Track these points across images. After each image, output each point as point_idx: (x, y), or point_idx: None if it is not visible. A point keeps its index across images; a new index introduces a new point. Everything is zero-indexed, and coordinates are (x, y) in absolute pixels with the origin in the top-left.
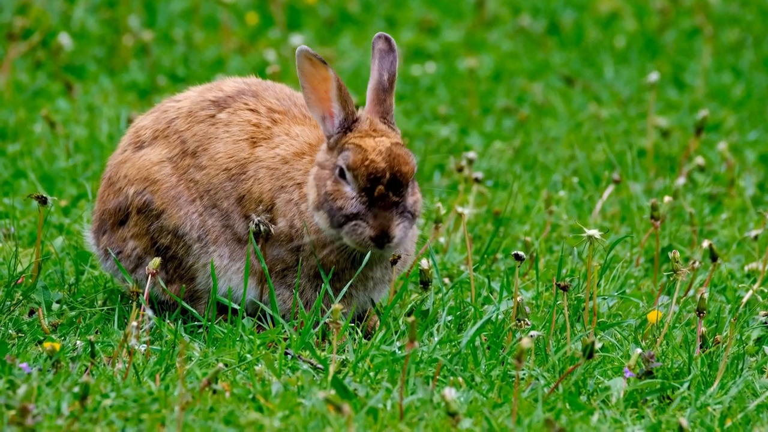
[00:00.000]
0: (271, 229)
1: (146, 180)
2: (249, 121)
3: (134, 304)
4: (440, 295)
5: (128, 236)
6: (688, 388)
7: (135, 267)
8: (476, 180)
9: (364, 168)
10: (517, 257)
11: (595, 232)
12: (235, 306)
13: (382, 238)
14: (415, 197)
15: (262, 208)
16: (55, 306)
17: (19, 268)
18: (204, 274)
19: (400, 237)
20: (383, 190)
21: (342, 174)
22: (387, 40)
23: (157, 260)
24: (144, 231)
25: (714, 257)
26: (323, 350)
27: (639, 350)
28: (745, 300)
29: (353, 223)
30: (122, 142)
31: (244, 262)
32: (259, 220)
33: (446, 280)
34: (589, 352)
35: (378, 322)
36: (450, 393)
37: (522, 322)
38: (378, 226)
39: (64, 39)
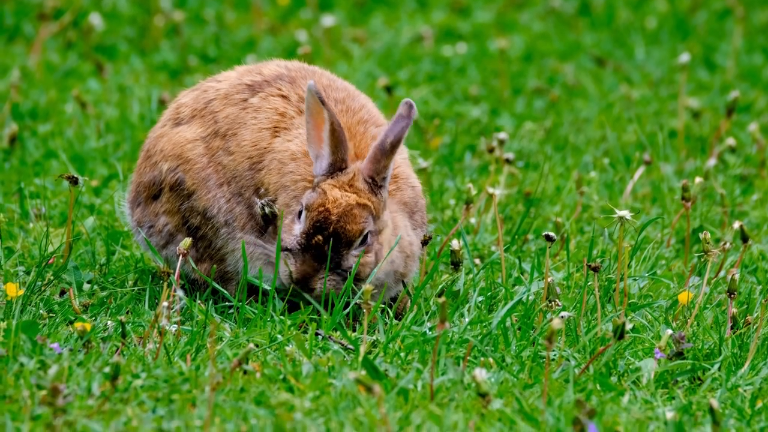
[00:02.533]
0: (276, 211)
1: (179, 158)
2: (276, 109)
3: (165, 284)
4: (471, 275)
5: (161, 212)
6: (719, 369)
7: (166, 243)
8: (507, 161)
9: (316, 213)
10: (548, 238)
11: (626, 213)
12: (266, 287)
13: (301, 284)
14: (365, 259)
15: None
16: (86, 286)
17: (50, 249)
18: (233, 257)
19: (319, 290)
20: (320, 241)
21: (300, 212)
22: (409, 106)
23: (188, 240)
24: (176, 209)
25: (745, 238)
26: (354, 331)
27: (670, 331)
28: None
29: (285, 255)
30: (164, 116)
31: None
32: (263, 203)
33: (477, 261)
34: (619, 333)
35: (409, 303)
36: (480, 374)
37: (553, 302)
38: (301, 272)
39: (95, 19)
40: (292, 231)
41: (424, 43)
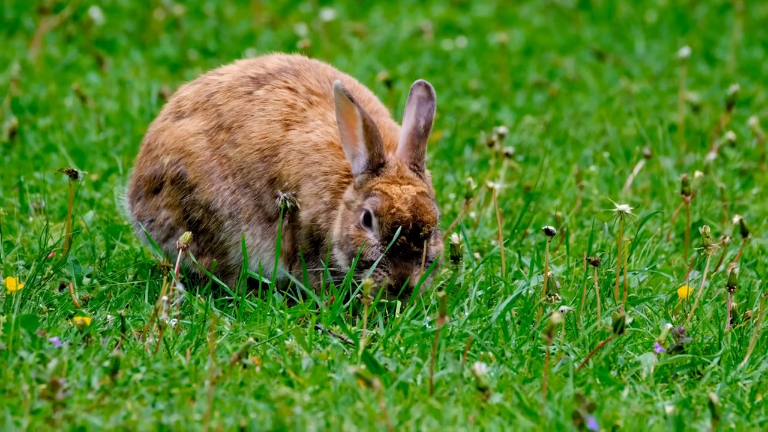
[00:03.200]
0: (297, 205)
1: (181, 151)
2: (285, 101)
3: (165, 278)
4: (471, 269)
5: (161, 205)
6: (719, 363)
7: (167, 237)
8: (507, 155)
9: (390, 216)
10: (548, 232)
11: (626, 207)
12: (266, 281)
13: (400, 287)
14: (437, 247)
15: (290, 189)
16: (85, 280)
17: (50, 243)
18: (236, 250)
19: (418, 287)
20: (405, 240)
21: (367, 219)
22: (426, 87)
23: (188, 235)
24: (177, 202)
25: (745, 232)
26: (353, 325)
27: (669, 325)
28: None
29: (374, 270)
30: (164, 110)
31: (274, 240)
32: (285, 197)
33: (477, 255)
34: (619, 327)
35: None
36: (480, 368)
37: (552, 297)
38: (397, 276)
39: (95, 13)
40: (369, 242)
41: (424, 37)
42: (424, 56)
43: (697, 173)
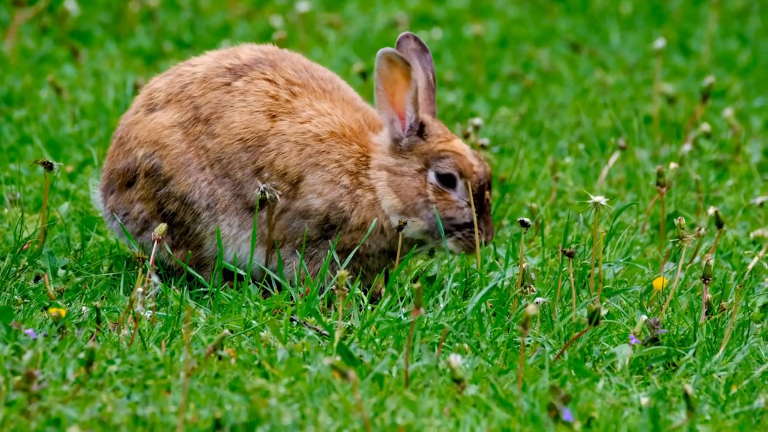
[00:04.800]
0: (277, 197)
1: (156, 144)
2: (266, 93)
3: (140, 270)
4: (446, 261)
5: (135, 199)
6: (694, 354)
7: (141, 230)
8: (482, 146)
9: (475, 176)
10: (523, 224)
11: (601, 199)
12: (241, 272)
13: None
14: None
15: (287, 180)
16: (60, 272)
17: (25, 234)
18: (212, 241)
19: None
20: (488, 196)
21: (448, 181)
22: (416, 39)
23: (163, 226)
24: (151, 195)
25: (720, 224)
26: (329, 317)
27: (644, 317)
28: (750, 267)
29: (467, 230)
30: (135, 103)
31: (251, 231)
32: (265, 187)
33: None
34: (594, 318)
35: (383, 288)
36: (455, 359)
37: (528, 288)
38: (490, 231)
39: (71, 4)
40: (457, 205)
41: (399, 29)
42: None
43: (672, 165)
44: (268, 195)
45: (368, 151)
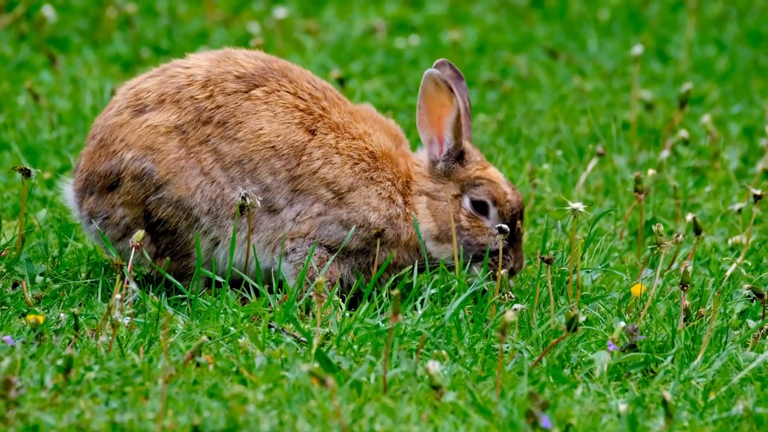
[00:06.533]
0: (258, 203)
1: (149, 148)
2: (296, 106)
3: (118, 276)
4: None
5: (118, 203)
6: (672, 361)
7: (122, 236)
8: None
9: (508, 204)
10: (501, 230)
11: (579, 206)
12: (220, 279)
13: (519, 271)
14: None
15: (332, 189)
16: (38, 279)
17: (3, 241)
18: (204, 249)
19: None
20: (520, 225)
21: (481, 208)
22: (452, 67)
23: (140, 233)
24: (138, 200)
25: (698, 230)
26: (307, 323)
27: (623, 323)
28: (728, 273)
29: (496, 258)
30: (116, 103)
31: (264, 234)
32: (245, 193)
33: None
34: (573, 325)
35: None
36: (434, 366)
37: (506, 295)
38: (519, 259)
39: (48, 11)
40: (489, 232)
41: (377, 35)
42: (377, 54)
43: (650, 171)
44: (248, 201)
45: (410, 175)
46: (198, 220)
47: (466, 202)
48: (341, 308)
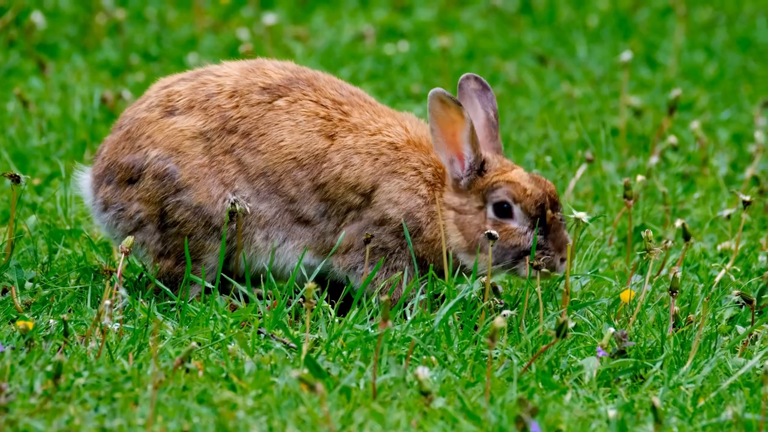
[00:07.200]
0: (247, 209)
1: (174, 149)
2: (316, 114)
3: (107, 282)
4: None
5: (135, 197)
6: (661, 367)
7: (134, 230)
8: None
9: (529, 198)
10: (490, 236)
11: (583, 215)
12: (209, 285)
13: (565, 256)
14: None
15: (358, 192)
16: (28, 285)
17: None
18: (214, 257)
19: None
20: (553, 214)
21: (503, 211)
22: (477, 79)
23: (130, 239)
24: (156, 199)
25: (687, 236)
26: (296, 329)
27: (612, 329)
28: (717, 279)
29: (537, 253)
30: (148, 99)
31: (302, 240)
32: (234, 200)
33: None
34: (562, 331)
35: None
36: (423, 372)
37: (495, 301)
38: (561, 245)
39: (37, 17)
40: (518, 232)
41: (366, 42)
42: (366, 60)
43: (639, 177)
44: (238, 207)
45: (443, 166)
46: (218, 229)
47: (489, 210)
48: (330, 313)
